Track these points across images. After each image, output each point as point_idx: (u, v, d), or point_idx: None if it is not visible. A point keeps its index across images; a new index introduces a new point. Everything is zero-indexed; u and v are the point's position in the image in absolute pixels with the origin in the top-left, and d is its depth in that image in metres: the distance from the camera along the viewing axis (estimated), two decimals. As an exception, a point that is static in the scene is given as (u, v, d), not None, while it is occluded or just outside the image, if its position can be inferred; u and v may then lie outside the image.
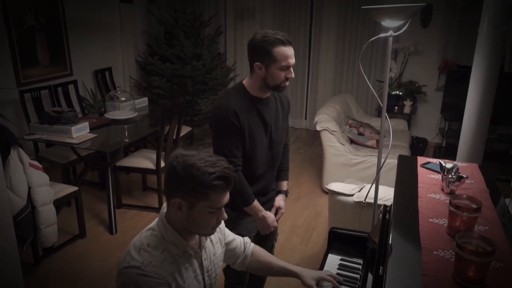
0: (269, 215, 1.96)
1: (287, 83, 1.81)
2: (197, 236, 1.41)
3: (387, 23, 2.17)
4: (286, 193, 2.15)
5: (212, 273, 1.47)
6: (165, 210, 1.36)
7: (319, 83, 6.18)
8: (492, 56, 2.88)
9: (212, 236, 1.49)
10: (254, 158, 1.88)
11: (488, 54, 2.87)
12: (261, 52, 1.72)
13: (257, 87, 1.82)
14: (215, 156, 1.28)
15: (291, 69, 1.77)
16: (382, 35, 2.20)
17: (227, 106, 1.78)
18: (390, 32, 2.17)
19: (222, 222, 1.57)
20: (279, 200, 2.10)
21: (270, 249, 2.27)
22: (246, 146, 1.84)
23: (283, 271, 1.62)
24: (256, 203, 1.88)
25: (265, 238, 2.19)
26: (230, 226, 1.74)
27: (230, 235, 1.62)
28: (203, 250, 1.42)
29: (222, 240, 1.55)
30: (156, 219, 1.39)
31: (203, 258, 1.41)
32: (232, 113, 1.76)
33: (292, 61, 1.75)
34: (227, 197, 1.29)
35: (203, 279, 1.42)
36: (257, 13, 6.14)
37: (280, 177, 2.13)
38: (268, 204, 2.09)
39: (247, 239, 1.67)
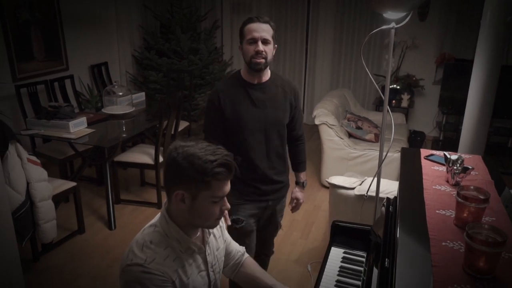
0: None
1: (259, 60, 1.83)
2: (200, 231, 1.39)
3: (389, 15, 2.15)
4: (302, 184, 2.24)
5: (216, 268, 1.45)
6: (166, 205, 1.34)
7: (316, 77, 6.17)
8: (495, 48, 2.87)
9: (215, 231, 1.48)
10: (244, 140, 1.94)
11: (491, 46, 2.86)
12: (239, 34, 1.89)
13: (246, 70, 1.92)
14: (213, 145, 1.28)
15: (259, 43, 1.81)
16: (384, 27, 2.18)
17: (214, 89, 1.97)
18: (393, 24, 2.16)
19: (223, 220, 1.57)
20: (295, 192, 2.21)
21: (270, 237, 2.31)
22: (231, 127, 1.93)
23: None
24: None
25: (266, 226, 2.22)
26: (229, 210, 1.74)
27: (228, 237, 1.61)
28: (207, 246, 1.40)
29: (222, 235, 1.54)
30: (158, 215, 1.37)
31: (207, 254, 1.39)
32: (214, 94, 1.93)
33: (258, 34, 1.81)
34: (228, 185, 1.28)
35: (208, 274, 1.40)
36: (254, 6, 6.10)
37: (296, 168, 2.22)
38: (273, 195, 2.10)
39: (243, 249, 1.65)
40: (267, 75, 1.95)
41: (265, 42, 1.83)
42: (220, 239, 1.50)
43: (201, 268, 1.38)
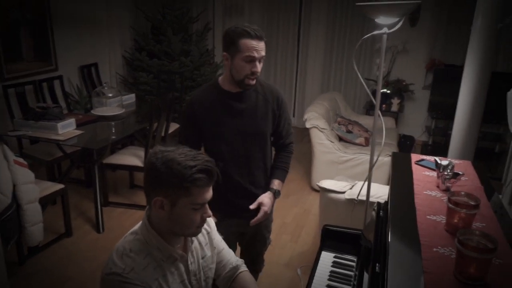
0: None
1: (253, 81, 1.75)
2: (182, 239, 1.36)
3: (381, 20, 2.16)
4: (275, 192, 1.96)
5: (200, 276, 1.41)
6: (148, 212, 1.30)
7: (307, 80, 6.19)
8: (485, 54, 2.90)
9: (201, 238, 1.44)
10: (222, 153, 1.83)
11: (481, 52, 2.89)
12: (228, 42, 1.73)
13: (227, 80, 1.80)
14: (195, 150, 1.25)
15: (257, 63, 1.72)
16: (376, 32, 2.19)
17: (190, 98, 1.86)
18: (385, 29, 2.17)
19: (214, 226, 1.53)
20: (263, 196, 1.92)
21: (260, 253, 2.22)
22: (208, 139, 1.84)
23: None
24: None
25: (254, 243, 2.14)
26: None
27: (221, 245, 1.55)
28: (190, 254, 1.36)
29: (210, 243, 1.49)
30: (140, 222, 1.33)
31: (189, 262, 1.36)
32: (189, 104, 1.83)
33: (258, 54, 1.70)
34: (210, 192, 1.24)
35: (190, 283, 1.37)
36: (246, 9, 6.10)
37: (272, 174, 1.99)
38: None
39: (237, 261, 1.58)
40: None
41: (260, 61, 1.74)
42: (207, 246, 1.46)
43: (183, 277, 1.34)
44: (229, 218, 1.93)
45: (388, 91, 5.37)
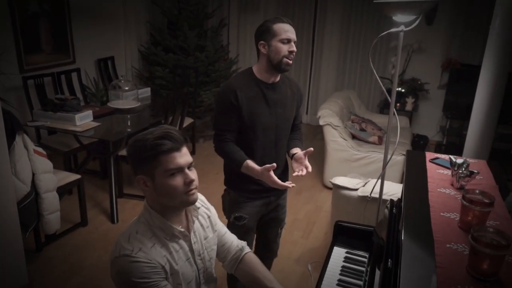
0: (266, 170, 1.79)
1: (290, 61, 1.87)
2: (184, 219, 1.41)
3: (398, 18, 2.16)
4: None
5: (204, 256, 1.47)
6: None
7: (321, 78, 6.18)
8: (503, 54, 2.88)
9: (202, 221, 1.49)
10: (257, 139, 1.94)
11: (499, 52, 2.86)
12: (263, 31, 1.88)
13: (263, 69, 1.91)
14: (159, 128, 1.32)
15: (293, 44, 1.87)
16: (394, 29, 2.19)
17: (228, 84, 1.92)
18: (402, 27, 2.17)
19: (215, 213, 1.57)
20: (305, 161, 1.90)
21: (275, 237, 2.30)
22: (245, 125, 1.90)
23: None
24: (249, 162, 1.85)
25: (269, 224, 2.21)
26: (233, 208, 2.03)
27: (223, 229, 1.61)
28: (192, 233, 1.41)
29: (211, 226, 1.54)
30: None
31: (192, 242, 1.41)
32: (230, 90, 1.88)
33: (292, 35, 1.87)
34: (184, 157, 1.28)
35: (195, 262, 1.43)
36: (261, 6, 6.12)
37: (293, 144, 2.06)
38: (276, 190, 1.99)
39: (242, 244, 1.63)
40: (278, 75, 1.97)
41: (295, 45, 1.89)
42: (208, 229, 1.51)
43: (188, 255, 1.40)
44: (253, 199, 2.04)
45: (403, 90, 5.34)
